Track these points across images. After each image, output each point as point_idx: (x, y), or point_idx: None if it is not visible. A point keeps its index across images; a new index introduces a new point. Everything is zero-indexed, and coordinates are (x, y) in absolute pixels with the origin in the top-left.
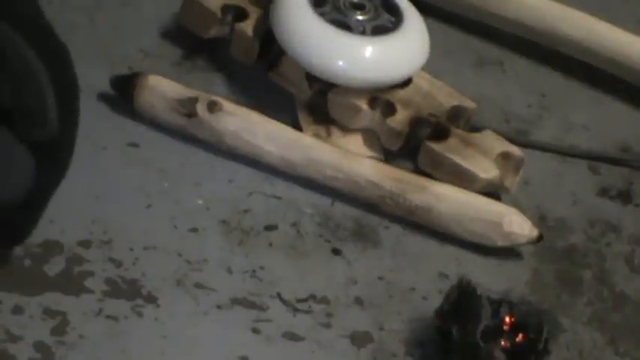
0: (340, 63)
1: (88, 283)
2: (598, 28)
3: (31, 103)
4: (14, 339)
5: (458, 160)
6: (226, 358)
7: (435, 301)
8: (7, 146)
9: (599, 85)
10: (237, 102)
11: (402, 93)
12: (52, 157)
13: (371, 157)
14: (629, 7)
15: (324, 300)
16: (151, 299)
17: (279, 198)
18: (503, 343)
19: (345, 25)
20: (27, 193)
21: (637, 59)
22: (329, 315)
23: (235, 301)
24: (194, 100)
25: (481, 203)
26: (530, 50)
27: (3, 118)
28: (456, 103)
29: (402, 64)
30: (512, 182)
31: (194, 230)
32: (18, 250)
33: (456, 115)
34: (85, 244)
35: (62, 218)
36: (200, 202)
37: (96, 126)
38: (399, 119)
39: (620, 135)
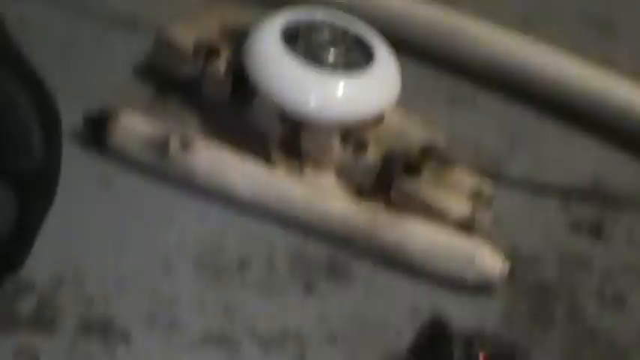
0: (312, 100)
1: (60, 322)
2: (568, 65)
3: (15, 131)
4: None
5: (430, 196)
6: None
7: (409, 336)
8: None
9: (569, 121)
10: (210, 140)
11: (374, 129)
12: (38, 187)
13: (344, 194)
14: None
15: (298, 337)
16: (124, 338)
17: (252, 235)
18: None
19: (317, 63)
20: (13, 227)
21: (607, 95)
22: (302, 352)
23: (208, 339)
24: (167, 139)
25: (453, 240)
26: (502, 86)
27: None
28: (428, 139)
29: (374, 101)
30: (484, 218)
31: (167, 268)
32: None
33: (429, 151)
34: (57, 282)
35: (33, 256)
36: (173, 239)
37: (68, 163)
38: (372, 156)
39: (590, 169)
